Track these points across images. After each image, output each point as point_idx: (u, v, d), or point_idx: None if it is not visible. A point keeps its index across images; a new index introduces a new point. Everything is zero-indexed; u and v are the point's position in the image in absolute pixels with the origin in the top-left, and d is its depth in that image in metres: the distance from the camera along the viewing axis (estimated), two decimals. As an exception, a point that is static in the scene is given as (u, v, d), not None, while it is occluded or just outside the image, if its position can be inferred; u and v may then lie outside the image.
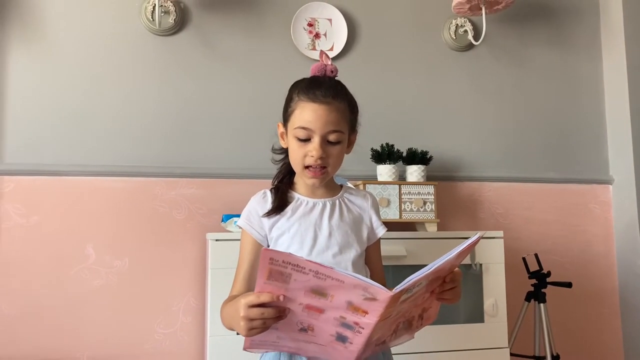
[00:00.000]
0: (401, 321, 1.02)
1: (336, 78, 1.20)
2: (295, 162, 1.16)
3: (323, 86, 1.13)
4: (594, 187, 2.41)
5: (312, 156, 1.12)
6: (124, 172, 1.92)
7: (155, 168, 1.95)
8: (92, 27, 1.96)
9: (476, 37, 2.26)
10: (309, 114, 1.12)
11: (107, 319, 1.86)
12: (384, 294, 0.86)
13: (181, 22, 2.03)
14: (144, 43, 2.00)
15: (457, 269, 1.06)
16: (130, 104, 1.97)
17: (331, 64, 1.19)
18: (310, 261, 0.86)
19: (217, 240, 1.67)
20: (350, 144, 1.22)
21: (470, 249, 0.99)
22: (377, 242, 1.27)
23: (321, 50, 1.24)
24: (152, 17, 1.98)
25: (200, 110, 2.03)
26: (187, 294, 1.93)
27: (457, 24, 2.28)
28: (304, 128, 1.12)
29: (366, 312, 0.89)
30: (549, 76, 2.41)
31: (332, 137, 1.13)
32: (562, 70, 2.44)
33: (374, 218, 1.25)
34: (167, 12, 1.99)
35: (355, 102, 1.21)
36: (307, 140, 1.13)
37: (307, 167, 1.15)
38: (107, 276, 1.88)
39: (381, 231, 1.25)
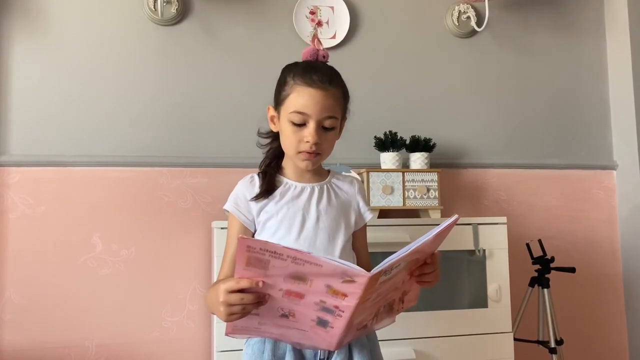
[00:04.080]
0: (382, 305, 1.03)
1: (331, 64, 1.20)
2: (289, 147, 1.16)
3: (319, 71, 1.13)
4: (598, 173, 2.41)
5: (307, 142, 1.12)
6: (129, 162, 1.93)
7: (160, 158, 1.96)
8: (94, 17, 1.97)
9: (479, 23, 2.25)
10: (305, 99, 1.11)
11: (115, 308, 1.88)
12: (362, 276, 0.87)
13: (183, 12, 2.03)
14: (146, 33, 2.00)
15: (436, 251, 1.06)
16: (134, 94, 1.98)
17: (323, 49, 1.19)
18: (288, 248, 0.86)
19: (222, 228, 1.69)
20: (341, 130, 1.22)
21: (448, 230, 1.00)
22: (364, 228, 1.28)
23: (314, 35, 1.24)
24: (154, 7, 1.98)
25: (204, 100, 2.03)
26: (194, 282, 1.95)
27: (459, 10, 2.27)
28: (300, 113, 1.12)
29: (345, 295, 0.90)
30: (552, 62, 2.41)
31: (327, 123, 1.13)
32: (566, 55, 2.43)
33: (361, 203, 1.26)
34: (169, 2, 1.99)
35: (347, 89, 1.20)
36: (302, 125, 1.13)
37: (301, 151, 1.14)
38: (114, 265, 1.90)
39: (368, 216, 1.26)
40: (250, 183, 1.20)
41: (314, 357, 1.12)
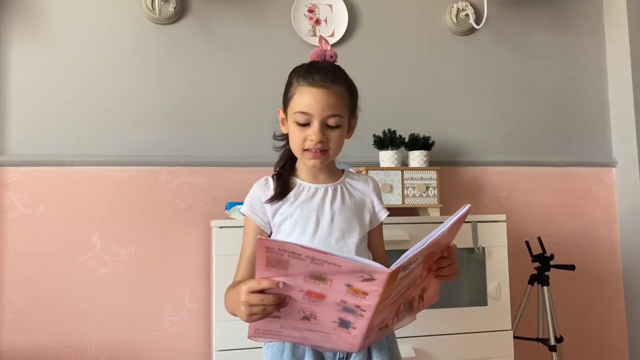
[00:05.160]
0: (402, 303, 1.02)
1: (336, 63, 1.20)
2: (295, 146, 1.17)
3: (321, 71, 1.14)
4: (597, 170, 2.41)
5: (311, 140, 1.13)
6: (128, 161, 1.93)
7: (159, 157, 1.96)
8: (92, 16, 1.96)
9: (478, 20, 2.25)
10: (307, 99, 1.12)
11: (114, 307, 1.88)
12: (381, 272, 0.86)
13: (181, 11, 2.03)
14: (144, 32, 2.00)
15: (452, 243, 1.06)
16: (132, 93, 1.97)
17: (331, 49, 1.19)
18: (306, 247, 0.86)
19: (221, 227, 1.69)
20: (351, 128, 1.23)
21: (462, 221, 1.00)
22: (380, 226, 1.28)
23: (320, 36, 1.24)
24: (152, 6, 1.97)
25: (202, 99, 2.03)
26: (193, 281, 1.95)
27: (458, 8, 2.26)
28: (303, 113, 1.13)
29: (366, 294, 0.89)
30: (551, 59, 2.40)
31: (331, 122, 1.14)
32: (565, 53, 2.42)
33: (376, 202, 1.26)
34: (167, 1, 1.98)
35: (354, 87, 1.21)
36: (306, 124, 1.14)
37: (306, 149, 1.15)
38: (113, 265, 1.90)
39: (383, 215, 1.26)
40: (265, 185, 1.21)
41: (333, 357, 1.13)
